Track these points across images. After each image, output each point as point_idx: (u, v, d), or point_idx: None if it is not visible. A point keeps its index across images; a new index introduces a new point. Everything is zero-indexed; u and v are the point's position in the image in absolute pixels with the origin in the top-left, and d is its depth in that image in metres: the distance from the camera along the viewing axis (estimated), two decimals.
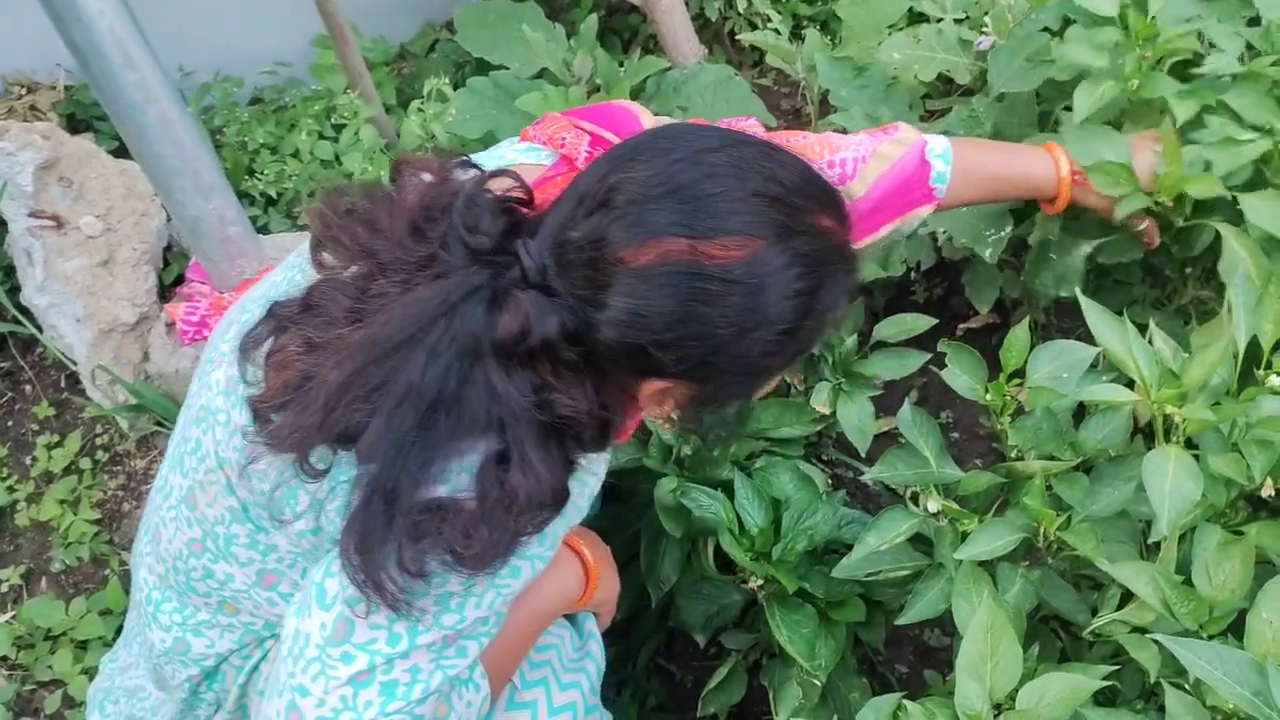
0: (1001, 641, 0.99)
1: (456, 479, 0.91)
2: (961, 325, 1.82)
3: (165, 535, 1.18)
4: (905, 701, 1.02)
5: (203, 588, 1.16)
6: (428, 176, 1.01)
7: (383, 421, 0.89)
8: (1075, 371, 1.19)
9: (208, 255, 1.62)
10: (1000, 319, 1.81)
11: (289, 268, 1.13)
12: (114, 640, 1.54)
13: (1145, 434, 1.27)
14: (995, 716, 0.96)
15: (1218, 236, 1.36)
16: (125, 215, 1.86)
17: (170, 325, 1.80)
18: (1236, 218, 1.38)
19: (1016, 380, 1.20)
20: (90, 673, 1.58)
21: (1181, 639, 0.78)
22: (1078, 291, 1.16)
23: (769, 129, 1.42)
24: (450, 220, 0.95)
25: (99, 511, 1.79)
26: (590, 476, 1.11)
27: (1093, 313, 1.15)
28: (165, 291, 1.90)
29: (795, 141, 1.32)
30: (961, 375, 1.21)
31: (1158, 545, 1.18)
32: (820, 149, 1.33)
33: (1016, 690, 0.98)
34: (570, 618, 1.26)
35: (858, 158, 1.33)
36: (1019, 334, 1.19)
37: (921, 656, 1.53)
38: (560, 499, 0.94)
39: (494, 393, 0.89)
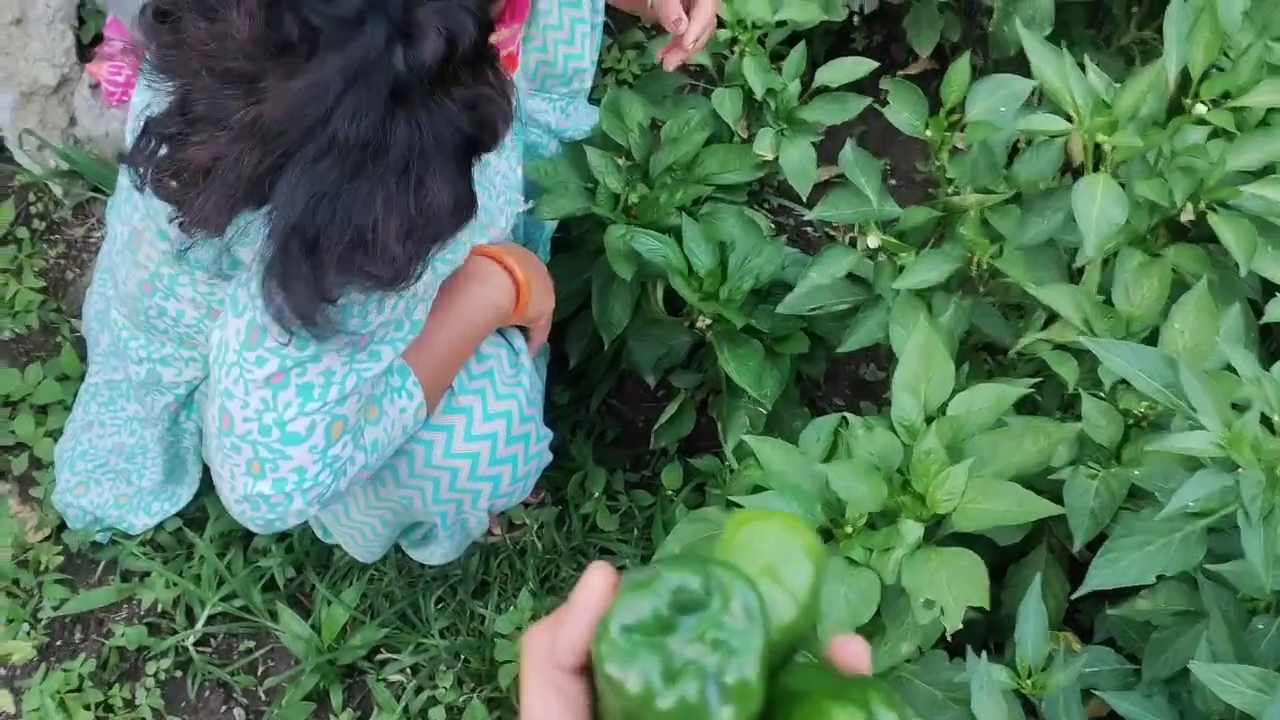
0: (935, 360, 1.07)
1: (378, 211, 0.92)
2: (900, 72, 1.83)
3: (120, 278, 1.24)
4: (846, 415, 1.10)
5: (161, 324, 1.22)
6: None
7: (299, 175, 0.89)
8: (1012, 105, 1.22)
9: (126, 9, 1.54)
10: (939, 65, 1.82)
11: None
12: (72, 404, 1.57)
13: (1075, 174, 1.31)
14: (928, 425, 1.05)
15: None
16: None
17: (94, 87, 1.74)
18: None
19: (955, 115, 1.23)
20: (54, 435, 1.61)
21: (1102, 340, 0.85)
22: (1018, 24, 1.17)
23: None
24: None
25: (43, 280, 1.77)
26: (496, 176, 1.15)
27: (1032, 44, 1.17)
28: (85, 52, 1.82)
29: None
30: (903, 112, 1.24)
31: (1082, 272, 1.25)
32: None
33: (947, 403, 1.06)
34: (507, 341, 1.31)
35: None
36: (959, 68, 1.21)
37: (858, 390, 1.63)
38: (471, 205, 0.96)
39: (420, 128, 0.90)
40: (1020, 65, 1.33)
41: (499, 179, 1.21)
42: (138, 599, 1.54)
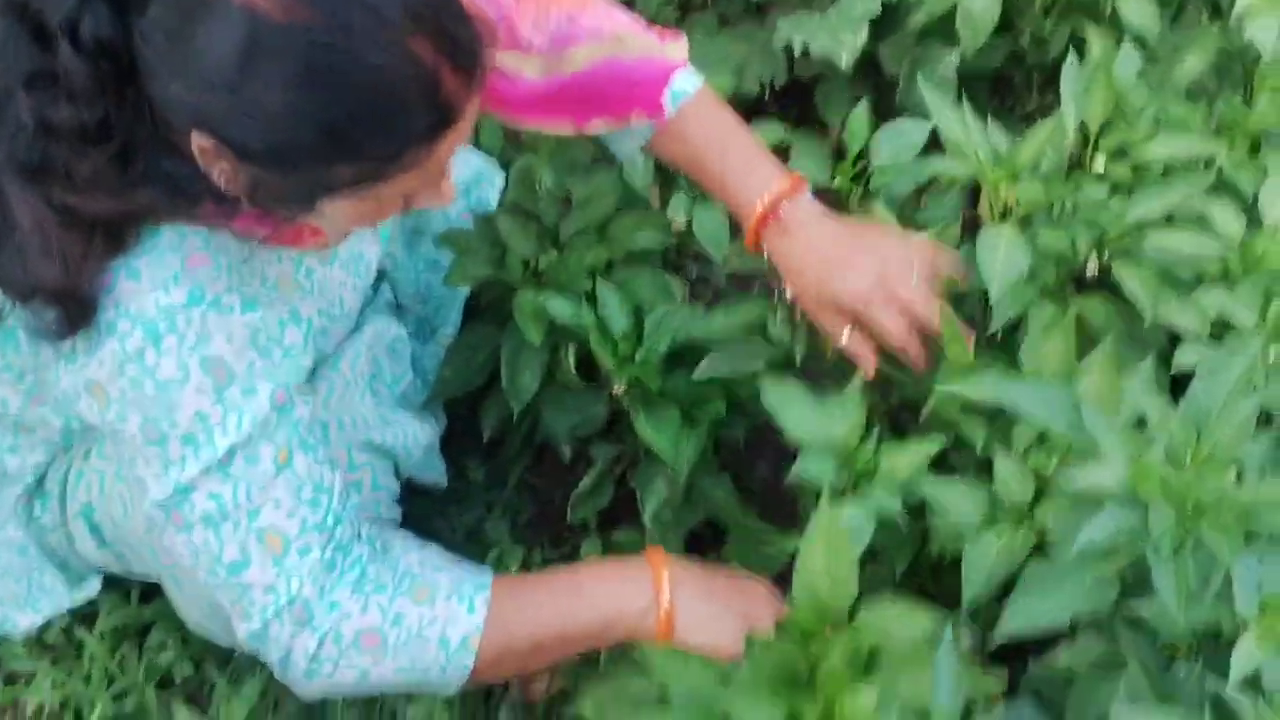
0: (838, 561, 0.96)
1: None
2: None
3: None
4: None
5: None
6: None
7: None
8: (910, 154, 1.23)
9: None
10: None
11: None
12: None
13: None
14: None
15: (1069, 44, 1.41)
16: None
17: None
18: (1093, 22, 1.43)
19: (860, 163, 1.23)
20: None
21: (1005, 380, 0.83)
22: (920, 78, 1.18)
23: None
24: None
25: None
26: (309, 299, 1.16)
27: (932, 97, 1.18)
28: None
29: None
30: (807, 162, 1.24)
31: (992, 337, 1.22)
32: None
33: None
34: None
35: (596, 27, 1.18)
36: (859, 115, 1.22)
37: (782, 455, 1.59)
38: (67, 295, 0.94)
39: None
40: None
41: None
42: (23, 702, 1.44)
